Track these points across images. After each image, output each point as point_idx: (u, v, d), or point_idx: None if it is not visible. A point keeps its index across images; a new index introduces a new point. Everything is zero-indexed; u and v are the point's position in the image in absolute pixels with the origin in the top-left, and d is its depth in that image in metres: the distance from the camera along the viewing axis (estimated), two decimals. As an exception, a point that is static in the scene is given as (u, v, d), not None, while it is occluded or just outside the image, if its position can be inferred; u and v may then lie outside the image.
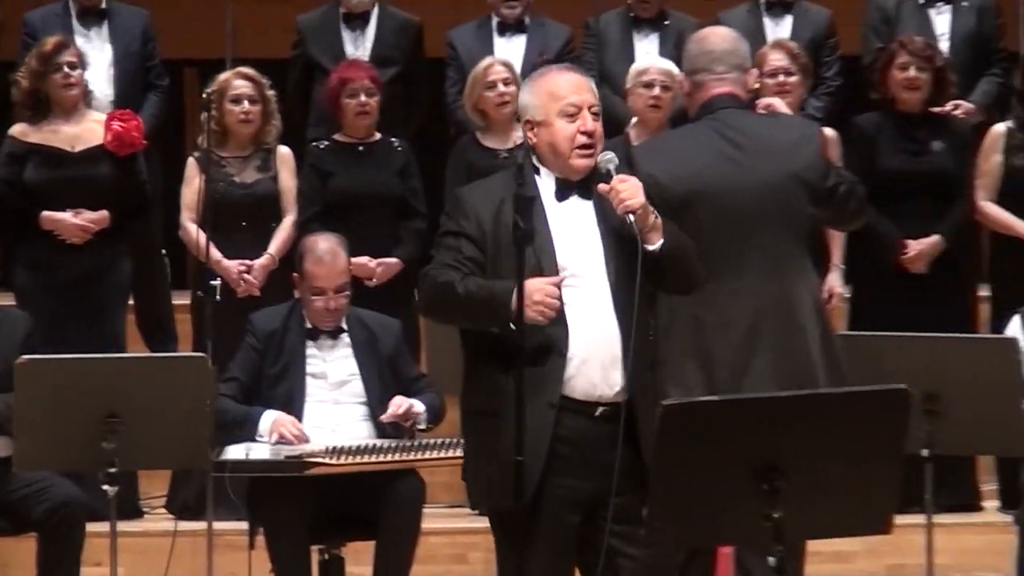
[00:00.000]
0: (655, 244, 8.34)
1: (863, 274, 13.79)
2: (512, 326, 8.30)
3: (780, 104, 9.59)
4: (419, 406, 11.23)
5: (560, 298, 8.36)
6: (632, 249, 8.31)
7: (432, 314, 8.97)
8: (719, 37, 9.85)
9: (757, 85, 10.73)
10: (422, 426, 11.19)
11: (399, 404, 11.07)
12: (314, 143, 13.14)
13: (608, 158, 8.35)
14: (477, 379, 8.63)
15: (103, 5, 13.45)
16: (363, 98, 12.89)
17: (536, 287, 8.25)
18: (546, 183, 8.48)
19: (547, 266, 8.38)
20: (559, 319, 8.35)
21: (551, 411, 8.32)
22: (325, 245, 11.49)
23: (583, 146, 8.36)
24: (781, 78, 12.46)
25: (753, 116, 9.59)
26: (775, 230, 8.96)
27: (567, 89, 8.53)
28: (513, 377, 8.37)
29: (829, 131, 9.68)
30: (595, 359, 8.33)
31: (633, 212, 8.22)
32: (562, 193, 8.47)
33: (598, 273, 8.43)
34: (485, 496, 8.72)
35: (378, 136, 13.07)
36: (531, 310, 8.24)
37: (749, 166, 9.17)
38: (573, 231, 8.45)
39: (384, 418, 11.17)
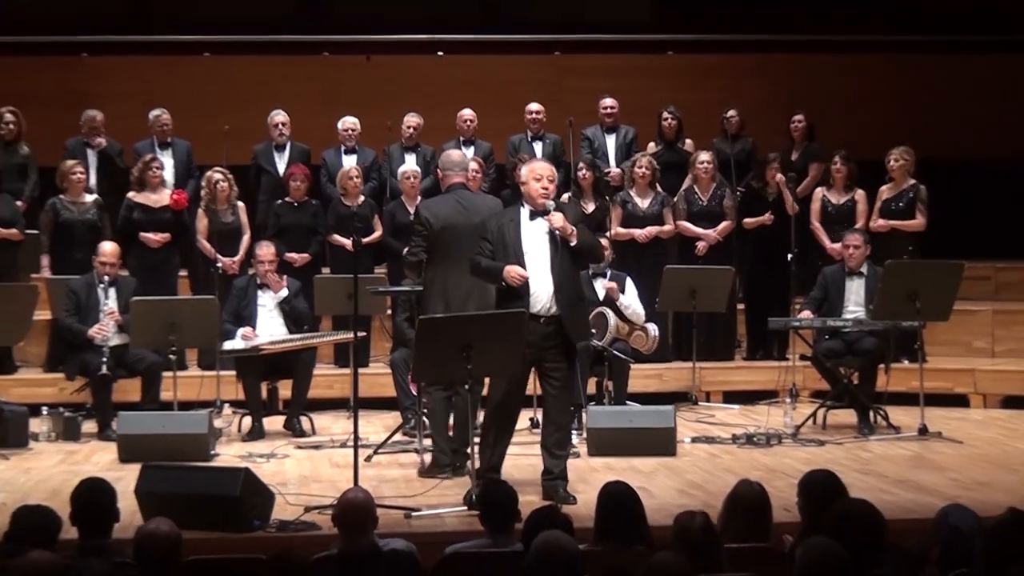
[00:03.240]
0: (573, 243, 8.37)
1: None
2: (502, 282, 8.39)
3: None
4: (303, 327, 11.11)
5: (525, 268, 8.36)
6: (558, 245, 8.41)
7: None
8: (455, 155, 9.69)
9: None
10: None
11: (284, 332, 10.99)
12: (276, 202, 12.64)
13: (548, 203, 8.44)
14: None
15: (168, 140, 13.02)
16: (298, 183, 12.42)
17: (509, 269, 8.36)
18: (524, 211, 8.48)
19: (517, 252, 8.42)
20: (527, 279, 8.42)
21: (531, 319, 8.39)
22: (266, 244, 11.23)
23: (542, 196, 8.42)
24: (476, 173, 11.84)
25: (471, 193, 9.48)
26: (476, 244, 8.70)
27: (538, 168, 8.57)
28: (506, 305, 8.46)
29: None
30: (541, 296, 8.38)
31: (558, 229, 8.34)
32: (532, 216, 8.46)
33: (544, 256, 8.44)
34: None
35: (306, 198, 12.53)
36: (508, 277, 8.30)
37: (467, 216, 9.03)
38: (535, 236, 8.44)
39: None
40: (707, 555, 5.32)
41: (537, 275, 8.45)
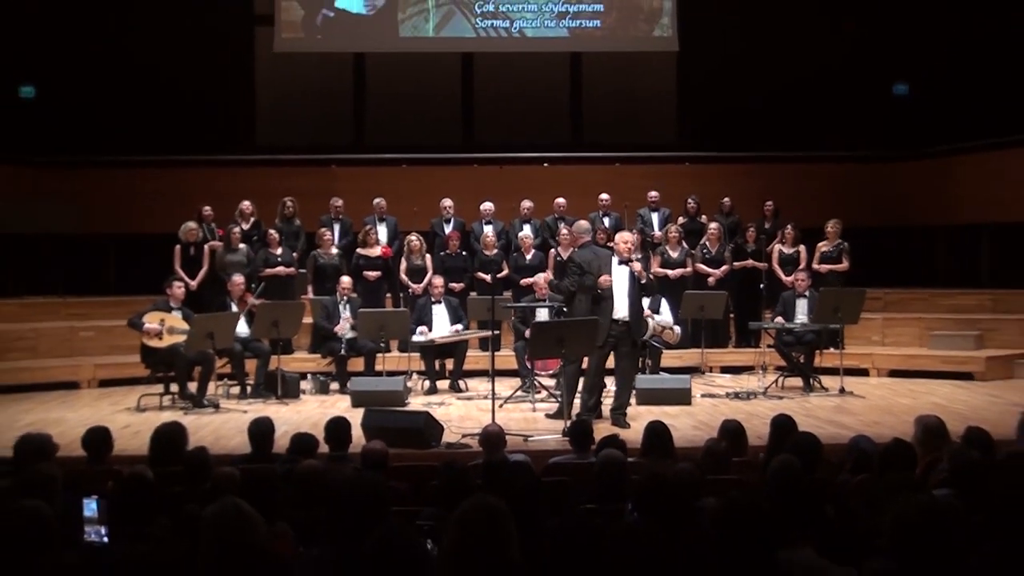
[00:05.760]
0: (643, 281, 8.42)
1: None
2: (599, 289, 8.30)
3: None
4: (461, 327, 10.86)
5: (611, 286, 8.27)
6: (633, 278, 8.39)
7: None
8: (584, 224, 9.51)
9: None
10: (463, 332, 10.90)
11: (452, 330, 10.81)
12: (440, 253, 12.16)
13: (629, 256, 8.39)
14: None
15: (383, 216, 12.55)
16: (455, 242, 12.04)
17: (602, 277, 8.27)
18: (615, 259, 8.43)
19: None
20: (612, 296, 8.29)
21: (612, 321, 8.36)
22: (437, 277, 11.16)
23: (626, 251, 8.40)
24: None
25: (597, 246, 9.32)
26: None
27: (624, 236, 8.55)
28: (600, 312, 8.35)
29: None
30: (620, 308, 8.34)
31: (638, 272, 8.35)
32: (619, 262, 8.40)
33: (624, 285, 8.38)
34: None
35: (459, 251, 12.03)
36: (602, 283, 8.24)
37: (599, 260, 8.50)
38: (619, 274, 8.37)
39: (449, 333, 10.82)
40: (722, 464, 5.48)
41: (618, 296, 8.40)
